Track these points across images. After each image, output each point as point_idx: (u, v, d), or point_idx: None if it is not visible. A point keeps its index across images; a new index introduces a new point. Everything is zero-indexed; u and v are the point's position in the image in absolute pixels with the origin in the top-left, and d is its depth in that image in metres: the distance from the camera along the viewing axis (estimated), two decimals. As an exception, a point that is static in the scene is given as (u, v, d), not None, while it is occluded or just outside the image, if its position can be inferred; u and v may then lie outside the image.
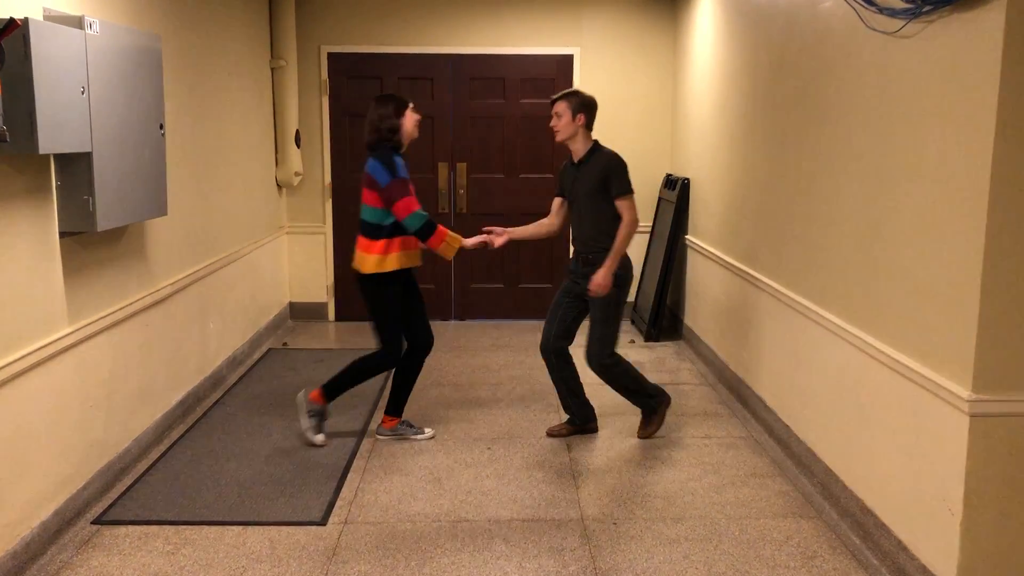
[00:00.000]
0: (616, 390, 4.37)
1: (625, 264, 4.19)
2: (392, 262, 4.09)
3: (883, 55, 3.16)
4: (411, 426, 4.41)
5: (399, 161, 4.08)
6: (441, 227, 4.13)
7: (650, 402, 4.38)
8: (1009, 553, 2.68)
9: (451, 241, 4.14)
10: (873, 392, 3.23)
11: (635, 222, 4.12)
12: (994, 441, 2.63)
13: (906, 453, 2.99)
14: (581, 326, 4.34)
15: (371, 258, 4.08)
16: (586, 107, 4.17)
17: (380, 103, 4.21)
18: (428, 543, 3.30)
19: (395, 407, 4.36)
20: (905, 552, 2.98)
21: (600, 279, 4.08)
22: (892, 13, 3.03)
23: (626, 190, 4.12)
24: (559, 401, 4.56)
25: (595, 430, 4.46)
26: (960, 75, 2.66)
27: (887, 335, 3.14)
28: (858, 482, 3.37)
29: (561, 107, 4.15)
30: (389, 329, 4.18)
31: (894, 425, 3.07)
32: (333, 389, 4.24)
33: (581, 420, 4.43)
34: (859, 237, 3.37)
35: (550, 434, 4.42)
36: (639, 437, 4.39)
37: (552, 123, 4.19)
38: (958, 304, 2.67)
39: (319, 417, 4.25)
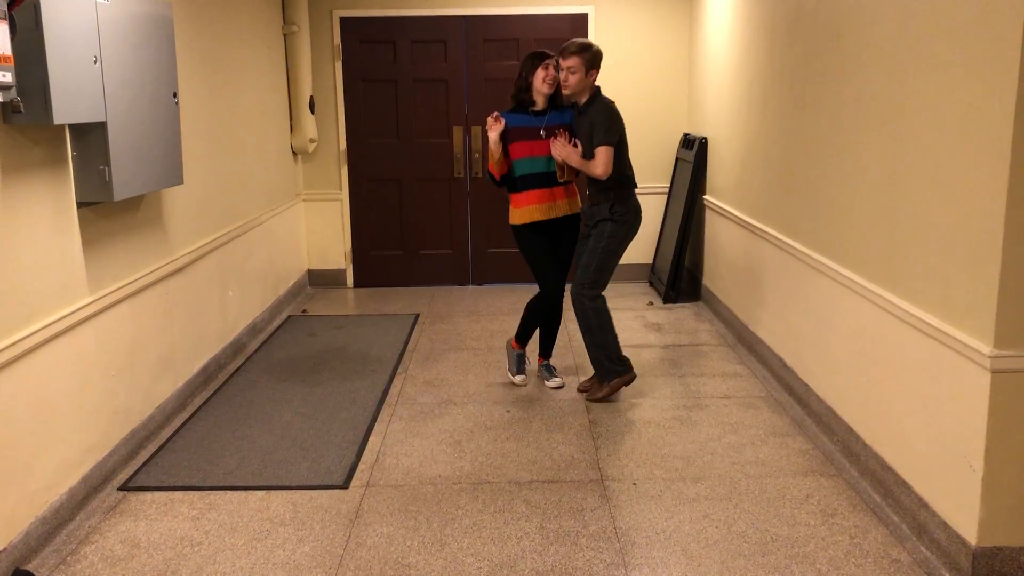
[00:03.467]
0: (582, 333, 4.35)
1: (628, 206, 4.27)
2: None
3: (901, 7, 3.09)
4: (546, 369, 4.72)
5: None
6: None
7: (607, 366, 4.32)
8: (1031, 508, 2.67)
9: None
10: (893, 349, 3.21)
11: (600, 171, 4.12)
12: (1016, 397, 2.60)
13: (927, 410, 2.97)
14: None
15: (575, 200, 4.47)
16: (599, 62, 4.18)
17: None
18: (450, 505, 3.33)
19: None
20: (926, 509, 2.98)
21: (566, 151, 4.18)
22: (913, -38, 2.96)
23: (602, 141, 4.11)
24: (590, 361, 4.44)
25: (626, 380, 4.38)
26: (980, 26, 2.60)
27: (907, 291, 3.11)
28: (878, 439, 3.37)
29: (575, 62, 4.10)
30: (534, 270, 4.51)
31: (914, 382, 3.05)
32: (521, 335, 4.67)
33: (604, 372, 4.38)
34: (877, 192, 3.32)
35: (581, 389, 4.50)
36: (578, 390, 4.50)
37: (563, 76, 4.15)
38: (979, 259, 2.64)
39: (518, 360, 4.67)
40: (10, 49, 2.64)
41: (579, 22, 6.69)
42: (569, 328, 5.54)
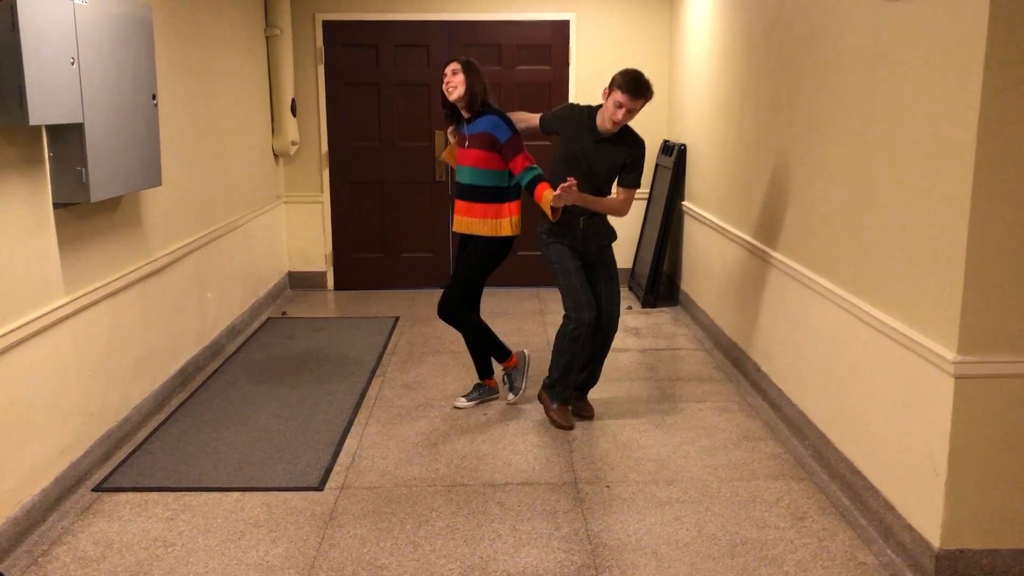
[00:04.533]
0: (599, 361, 4.24)
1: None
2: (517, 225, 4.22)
3: (873, 17, 3.15)
4: (509, 382, 4.47)
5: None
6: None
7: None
8: (992, 513, 2.72)
9: (548, 195, 3.94)
10: (863, 355, 3.26)
11: (623, 213, 4.02)
12: (978, 402, 2.65)
13: (894, 415, 3.02)
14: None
15: (486, 221, 4.16)
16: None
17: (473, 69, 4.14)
18: (424, 507, 3.35)
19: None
20: (892, 512, 3.02)
21: (569, 195, 3.79)
22: (882, -25, 3.01)
23: (637, 184, 4.01)
24: (568, 380, 4.15)
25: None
26: (947, 36, 2.66)
27: (876, 299, 3.16)
28: (848, 444, 3.41)
29: (641, 106, 3.87)
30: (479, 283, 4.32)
31: (883, 388, 3.10)
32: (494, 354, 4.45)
33: (581, 389, 4.26)
34: (849, 201, 3.38)
35: (579, 415, 4.24)
36: (584, 416, 4.26)
37: (622, 116, 3.84)
38: (944, 267, 2.69)
39: (509, 379, 4.47)
40: (-14, 50, 2.65)
41: (561, 28, 6.74)
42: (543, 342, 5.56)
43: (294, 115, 6.63)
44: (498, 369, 4.62)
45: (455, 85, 4.05)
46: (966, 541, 2.73)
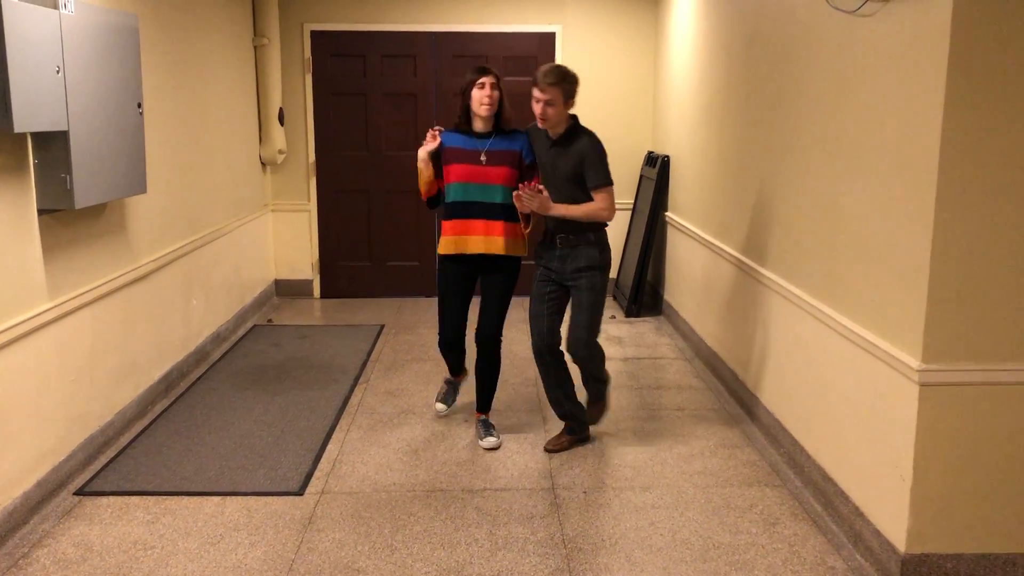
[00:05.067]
0: (585, 378, 4.05)
1: (608, 247, 3.87)
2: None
3: (844, 34, 3.22)
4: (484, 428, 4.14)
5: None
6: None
7: (603, 387, 4.14)
8: (956, 517, 2.78)
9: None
10: (834, 364, 3.32)
11: (608, 214, 3.74)
12: (942, 409, 2.72)
13: (863, 422, 3.08)
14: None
15: (516, 241, 3.97)
16: (576, 91, 3.76)
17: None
18: (402, 512, 3.40)
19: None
20: (861, 517, 3.08)
21: (542, 203, 3.67)
22: (853, -8, 3.09)
23: (604, 182, 3.73)
24: (552, 410, 4.09)
25: (589, 437, 4.10)
26: (912, 53, 2.73)
27: (845, 307, 3.22)
28: (820, 451, 3.47)
29: (554, 94, 3.66)
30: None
31: (853, 395, 3.16)
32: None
33: (580, 426, 4.03)
34: (821, 213, 3.44)
35: (549, 450, 3.98)
36: (547, 449, 4.00)
37: (540, 109, 3.70)
38: (910, 278, 2.75)
39: (447, 387, 4.45)
40: (-29, 58, 2.70)
41: (547, 40, 6.81)
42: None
43: (282, 124, 6.68)
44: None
45: (494, 100, 3.83)
46: (930, 546, 2.79)
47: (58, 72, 3.21)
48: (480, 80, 3.82)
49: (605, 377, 4.14)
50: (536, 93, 3.71)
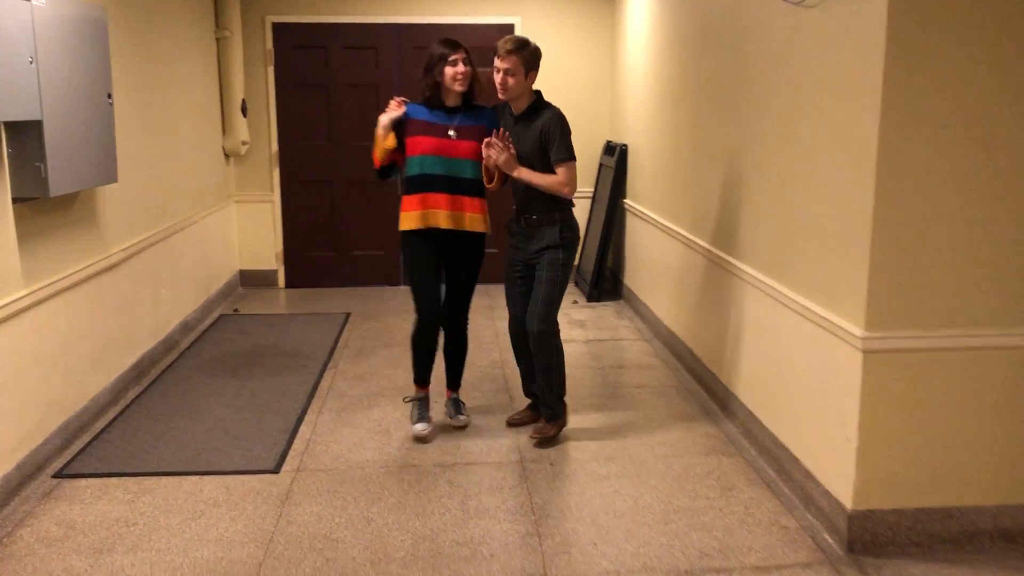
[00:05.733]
0: (538, 369, 3.90)
1: (573, 227, 3.87)
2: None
3: (791, 25, 3.41)
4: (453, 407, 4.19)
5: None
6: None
7: (558, 407, 3.94)
8: (897, 476, 2.99)
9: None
10: (785, 337, 3.51)
11: (568, 189, 3.74)
12: (884, 374, 2.92)
13: (813, 391, 3.28)
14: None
15: (483, 217, 3.92)
16: (538, 62, 3.75)
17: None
18: (376, 486, 3.52)
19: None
20: (812, 480, 3.28)
21: (508, 160, 3.70)
22: (798, -15, 3.27)
23: (566, 156, 3.72)
24: (522, 389, 4.22)
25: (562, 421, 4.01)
26: (853, 42, 2.92)
27: (795, 282, 3.41)
28: (773, 421, 3.67)
29: (513, 63, 3.65)
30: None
31: (802, 364, 3.36)
32: (417, 374, 4.15)
33: (544, 409, 3.99)
34: (772, 195, 3.63)
35: (511, 423, 4.11)
36: (534, 436, 3.94)
37: (500, 79, 3.68)
38: (852, 252, 2.95)
39: (420, 406, 4.11)
40: (-49, 49, 2.76)
41: (506, 32, 6.94)
42: (492, 358, 5.74)
43: (244, 115, 6.73)
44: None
45: (467, 75, 3.78)
46: (874, 502, 2.99)
47: (31, 63, 3.28)
48: (452, 56, 3.76)
49: (562, 389, 3.95)
50: (496, 63, 3.69)
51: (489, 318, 6.13)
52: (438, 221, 3.84)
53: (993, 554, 3.00)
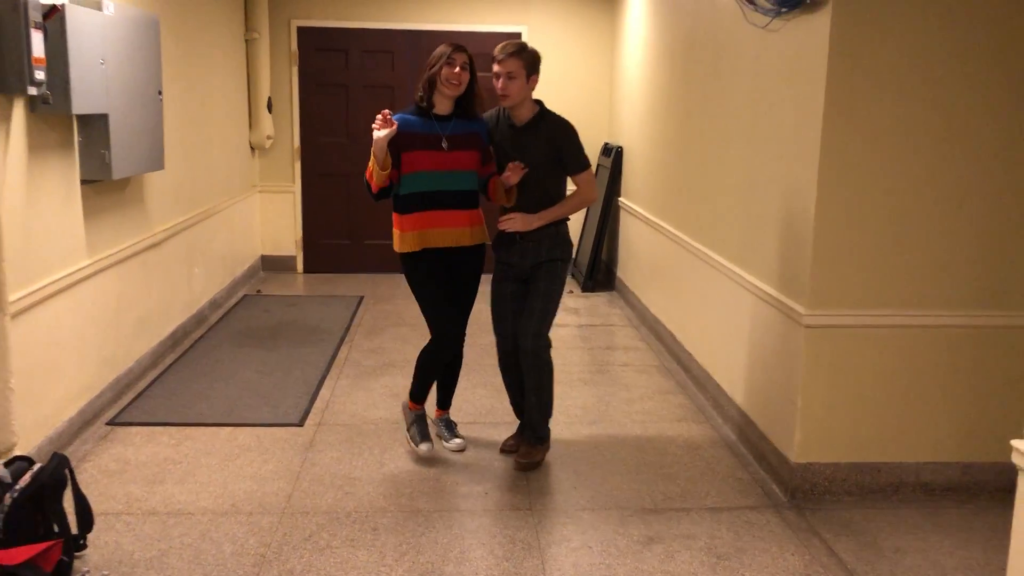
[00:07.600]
0: (529, 388, 3.73)
1: (567, 242, 3.78)
2: None
3: (758, 45, 3.92)
4: (447, 428, 4.01)
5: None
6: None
7: (544, 430, 3.80)
8: (834, 434, 3.50)
9: (499, 180, 3.70)
10: (746, 317, 4.03)
11: (594, 195, 3.75)
12: (822, 347, 3.43)
13: (768, 363, 3.79)
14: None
15: (482, 228, 3.80)
16: (538, 67, 3.66)
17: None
18: (387, 438, 4.05)
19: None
20: (765, 440, 3.79)
21: (526, 221, 3.62)
22: (764, 11, 3.78)
23: (584, 165, 3.69)
24: (512, 409, 4.05)
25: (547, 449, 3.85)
26: (803, 62, 3.44)
27: (755, 269, 3.93)
28: (737, 392, 4.18)
29: (515, 66, 3.55)
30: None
31: (761, 342, 3.87)
32: (417, 392, 3.90)
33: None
34: (740, 193, 4.15)
35: (504, 450, 3.91)
36: (519, 460, 3.75)
37: (501, 84, 3.56)
38: (800, 241, 3.46)
39: (419, 423, 3.89)
40: (43, 52, 3.29)
41: (514, 39, 7.46)
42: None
43: (270, 112, 7.27)
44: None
45: (462, 81, 3.62)
46: (814, 456, 3.51)
47: (102, 64, 3.81)
48: (451, 56, 3.58)
49: (550, 405, 3.80)
50: (496, 67, 3.56)
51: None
52: (437, 241, 3.66)
53: (915, 504, 3.51)
